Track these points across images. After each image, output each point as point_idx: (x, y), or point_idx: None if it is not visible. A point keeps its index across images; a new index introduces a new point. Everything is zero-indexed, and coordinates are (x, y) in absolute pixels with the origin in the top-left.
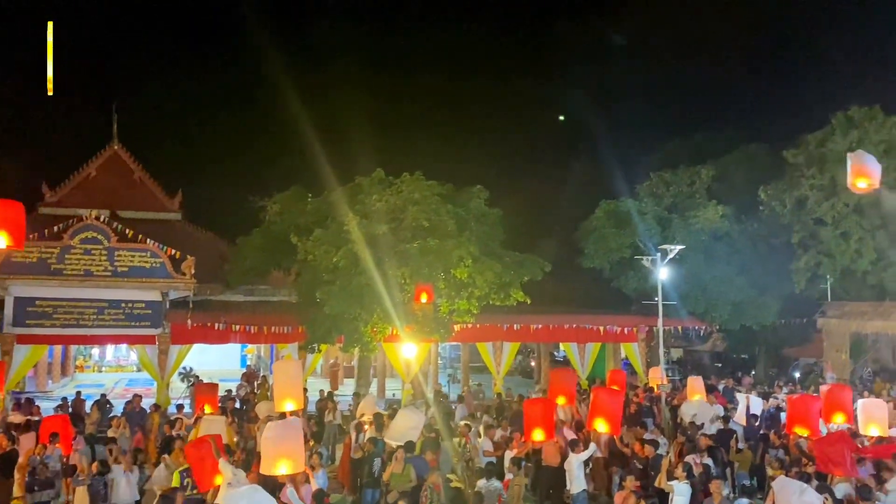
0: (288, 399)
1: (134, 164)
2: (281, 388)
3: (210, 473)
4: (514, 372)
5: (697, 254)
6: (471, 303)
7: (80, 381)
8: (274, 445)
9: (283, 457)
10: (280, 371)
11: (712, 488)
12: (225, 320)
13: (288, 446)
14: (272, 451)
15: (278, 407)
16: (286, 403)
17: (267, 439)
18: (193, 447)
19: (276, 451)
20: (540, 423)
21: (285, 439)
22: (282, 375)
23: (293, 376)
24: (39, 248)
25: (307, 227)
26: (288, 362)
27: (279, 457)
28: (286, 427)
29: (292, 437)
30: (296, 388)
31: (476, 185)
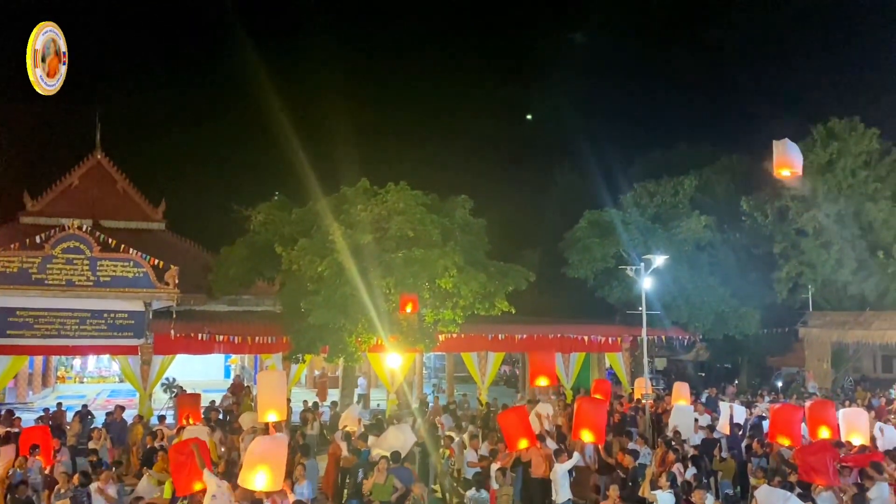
0: (271, 410)
1: (117, 173)
2: (265, 399)
3: (189, 478)
4: (498, 382)
5: (681, 264)
6: (455, 312)
7: (62, 392)
8: (256, 460)
9: (263, 472)
10: (264, 382)
11: (695, 498)
12: (209, 330)
13: (270, 462)
14: (254, 465)
15: (261, 417)
16: (269, 414)
17: (251, 453)
18: (176, 450)
19: (258, 465)
20: (520, 432)
21: (269, 455)
22: (266, 386)
23: (277, 387)
24: (21, 257)
25: (292, 236)
26: (272, 373)
27: (258, 472)
28: (272, 443)
29: (276, 453)
30: (280, 398)
31: (461, 195)
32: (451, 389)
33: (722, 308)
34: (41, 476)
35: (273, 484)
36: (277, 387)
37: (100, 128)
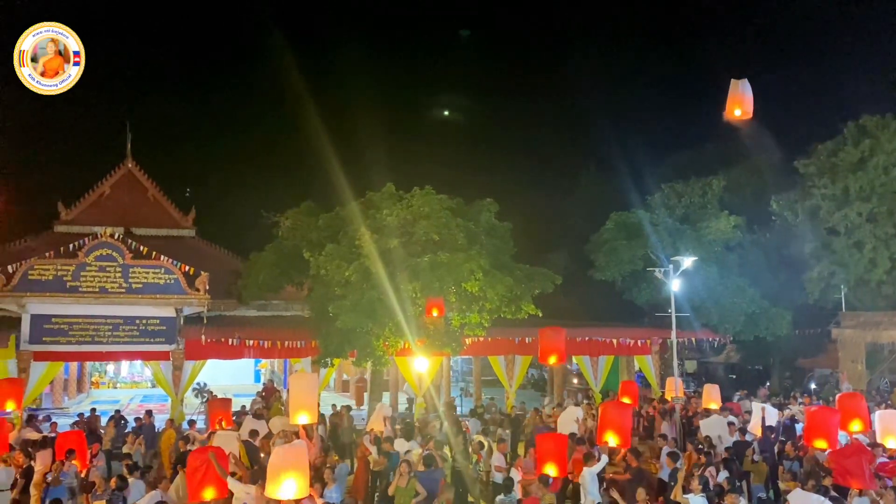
0: (303, 412)
1: (147, 181)
2: (296, 401)
3: (201, 485)
4: (526, 385)
5: (710, 265)
6: (482, 316)
7: (96, 398)
8: (279, 469)
9: (289, 480)
10: (296, 384)
11: (728, 502)
12: (239, 335)
13: (294, 470)
14: (278, 474)
15: (292, 419)
16: (301, 416)
17: (273, 464)
18: (193, 455)
19: (282, 474)
20: (551, 458)
21: (291, 463)
22: (297, 389)
23: (309, 389)
24: (55, 265)
25: (319, 242)
26: (304, 375)
27: (284, 481)
28: (292, 450)
29: (298, 460)
30: (311, 401)
31: (486, 199)
32: (478, 393)
33: (752, 309)
34: (77, 480)
35: (301, 491)
36: (309, 389)
37: (130, 138)
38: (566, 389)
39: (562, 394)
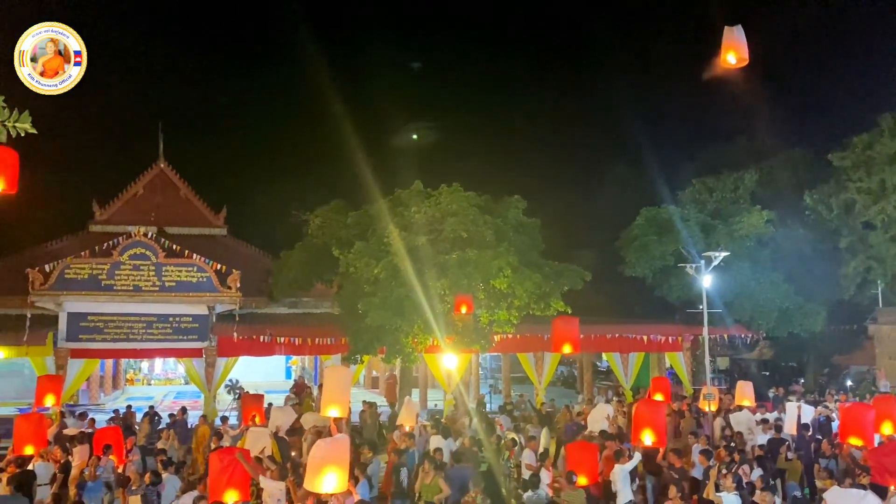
0: (333, 405)
1: (179, 181)
2: (329, 394)
3: (226, 486)
4: (556, 382)
5: (742, 260)
6: (511, 313)
7: (131, 394)
8: (321, 462)
9: (330, 474)
10: (330, 377)
11: (760, 500)
12: (270, 333)
13: (335, 463)
14: (319, 467)
15: (323, 412)
16: (331, 409)
17: (314, 457)
18: (217, 456)
19: (323, 468)
20: (584, 468)
21: (333, 456)
22: (331, 381)
23: (342, 383)
24: (90, 264)
25: (348, 239)
26: (339, 368)
27: (325, 474)
28: (334, 444)
29: (339, 454)
30: (343, 395)
31: (514, 195)
32: (507, 390)
33: (786, 305)
34: (114, 475)
35: (341, 485)
36: (342, 383)
37: (163, 138)
38: (596, 386)
39: (592, 391)
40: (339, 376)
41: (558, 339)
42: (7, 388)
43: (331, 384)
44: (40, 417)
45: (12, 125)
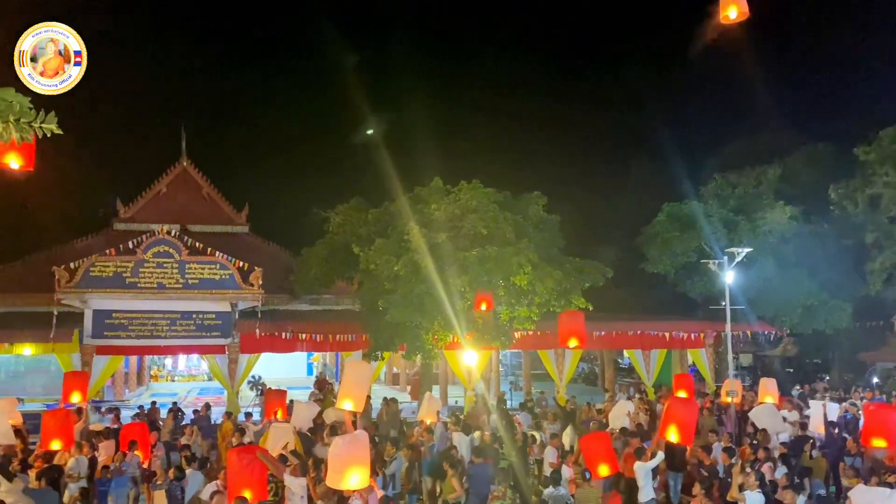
0: (349, 399)
1: (202, 179)
2: (346, 388)
3: (243, 485)
4: (577, 379)
5: (765, 256)
6: (531, 310)
7: (155, 391)
8: (342, 460)
9: (352, 471)
10: (350, 371)
11: (784, 498)
12: (292, 329)
13: (356, 460)
14: (341, 465)
15: (339, 405)
16: (346, 403)
17: (334, 454)
18: (236, 454)
19: (345, 465)
20: (601, 458)
21: (354, 453)
22: (351, 376)
23: (362, 379)
24: (115, 262)
25: (368, 237)
26: (360, 363)
27: (346, 471)
28: (354, 441)
29: (360, 451)
30: (361, 390)
31: (534, 192)
32: (528, 387)
33: (810, 301)
34: (139, 470)
35: (362, 481)
36: (362, 378)
37: (185, 137)
38: (618, 383)
39: (614, 388)
40: (359, 371)
41: (564, 334)
42: (34, 384)
43: (350, 378)
44: (67, 413)
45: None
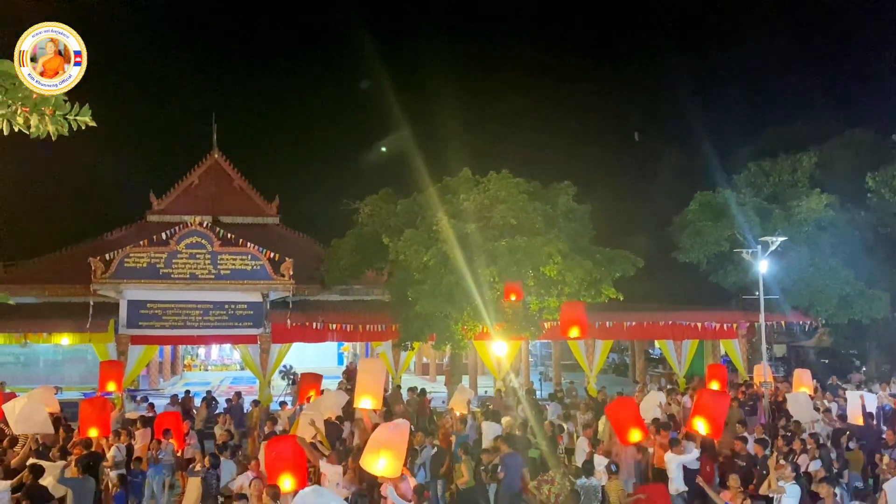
0: (367, 396)
1: (233, 171)
2: (363, 386)
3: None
4: (607, 370)
5: (800, 245)
6: (561, 300)
7: (189, 380)
8: (379, 445)
9: (384, 458)
10: (364, 368)
11: (821, 490)
12: (322, 319)
13: (392, 449)
14: (376, 450)
15: (357, 403)
16: (364, 400)
17: (375, 439)
18: (272, 444)
19: (380, 451)
20: (630, 423)
21: (391, 442)
22: (366, 373)
23: (377, 375)
24: (149, 253)
25: (397, 227)
26: (373, 361)
27: (380, 457)
28: (395, 429)
29: (398, 440)
30: (377, 386)
31: (564, 181)
32: (557, 377)
33: (846, 291)
34: (174, 458)
35: (393, 470)
36: (377, 375)
37: (216, 129)
38: (649, 374)
39: (644, 379)
40: (372, 368)
41: (566, 324)
42: (71, 373)
43: (364, 376)
44: (104, 402)
45: (73, 118)
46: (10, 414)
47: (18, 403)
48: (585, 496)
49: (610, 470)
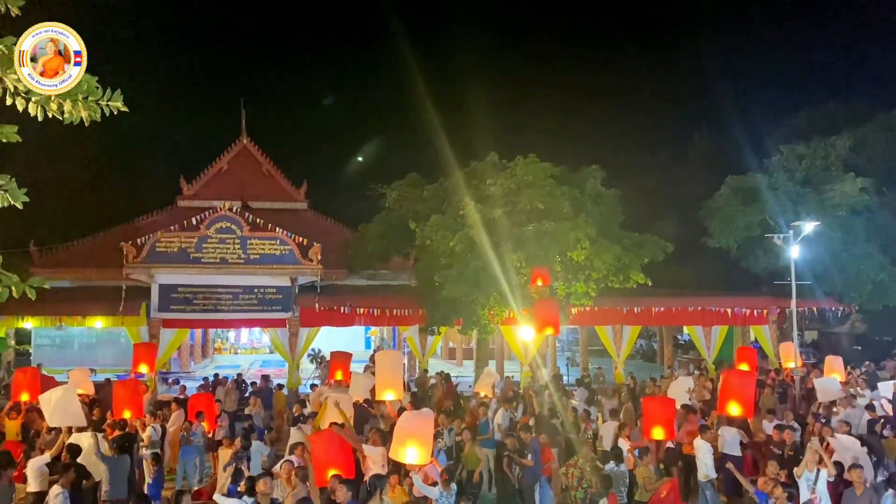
0: (389, 390)
1: (262, 157)
2: (382, 378)
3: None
4: (635, 356)
5: (834, 230)
6: (588, 285)
7: (219, 363)
8: (405, 434)
9: (412, 447)
10: (381, 362)
11: (853, 477)
12: (350, 304)
13: (418, 437)
14: (403, 439)
15: (379, 396)
16: (387, 394)
17: (400, 427)
18: (316, 439)
19: (407, 440)
20: (658, 421)
21: (417, 430)
22: (383, 366)
23: (394, 366)
24: (180, 238)
25: (424, 212)
26: (389, 353)
27: (408, 446)
28: (419, 418)
29: (424, 428)
30: (396, 378)
31: (592, 165)
32: (585, 363)
33: (881, 277)
34: (205, 439)
35: (422, 458)
36: (394, 366)
37: (245, 115)
38: (677, 360)
39: (672, 364)
40: (390, 360)
41: (540, 322)
42: (105, 355)
43: (383, 369)
44: (137, 383)
45: (105, 104)
46: (46, 406)
47: (54, 395)
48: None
49: (634, 455)
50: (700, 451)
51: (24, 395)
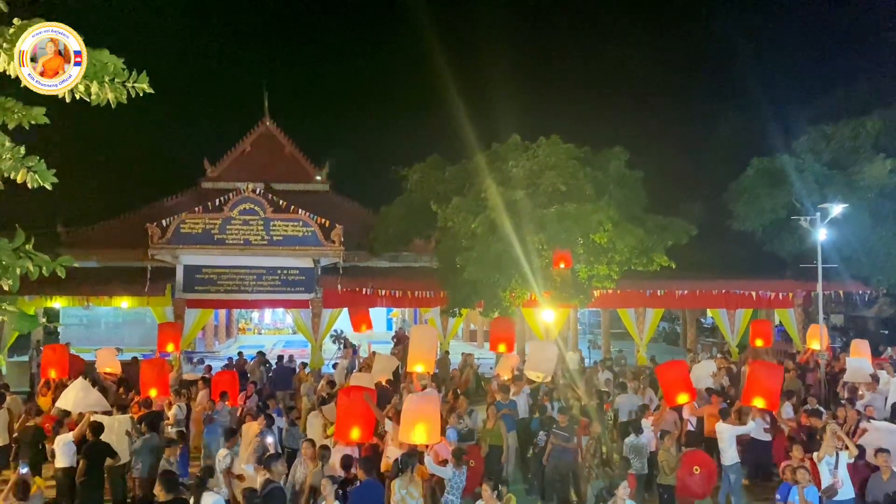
0: (420, 363)
1: (284, 138)
2: (416, 351)
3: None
4: (657, 339)
5: (862, 213)
6: (611, 268)
7: (243, 343)
8: (413, 416)
9: (421, 428)
10: (417, 335)
11: (880, 461)
12: (372, 285)
13: (425, 418)
14: (411, 421)
15: (410, 367)
16: (418, 366)
17: (407, 409)
18: (345, 393)
19: (415, 421)
20: (679, 386)
21: (423, 411)
22: (418, 339)
23: (429, 342)
24: (204, 219)
25: (446, 194)
26: (426, 327)
27: (417, 428)
28: (424, 399)
29: (430, 408)
30: (429, 353)
31: (616, 147)
32: (606, 345)
33: None
34: (230, 417)
35: (431, 437)
36: (429, 341)
37: (267, 97)
38: (700, 343)
39: (695, 348)
40: (426, 335)
41: (494, 339)
42: (131, 335)
43: (417, 342)
44: (162, 363)
45: (132, 85)
46: (66, 403)
47: (70, 393)
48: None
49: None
50: (722, 436)
51: (51, 372)
